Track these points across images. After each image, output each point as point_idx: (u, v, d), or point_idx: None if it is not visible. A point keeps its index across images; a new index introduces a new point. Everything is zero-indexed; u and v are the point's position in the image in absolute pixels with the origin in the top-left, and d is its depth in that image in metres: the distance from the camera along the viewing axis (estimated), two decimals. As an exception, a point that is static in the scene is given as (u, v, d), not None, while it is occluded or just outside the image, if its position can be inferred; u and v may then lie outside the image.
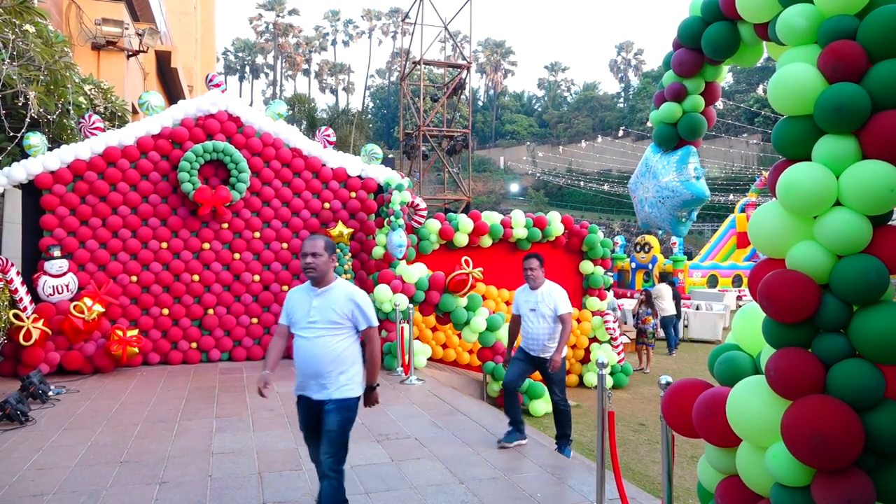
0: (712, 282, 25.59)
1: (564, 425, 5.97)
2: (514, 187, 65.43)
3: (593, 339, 10.99)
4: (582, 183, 57.75)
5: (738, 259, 27.72)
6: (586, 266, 11.07)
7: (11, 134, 8.46)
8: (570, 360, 10.93)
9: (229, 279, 9.76)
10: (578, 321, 10.98)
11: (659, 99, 4.33)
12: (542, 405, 8.54)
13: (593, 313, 11.03)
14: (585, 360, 10.94)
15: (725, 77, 4.34)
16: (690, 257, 28.99)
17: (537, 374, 10.53)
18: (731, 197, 43.89)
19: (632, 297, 20.79)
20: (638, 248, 23.40)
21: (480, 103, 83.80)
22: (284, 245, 10.07)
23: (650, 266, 22.57)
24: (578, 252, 11.15)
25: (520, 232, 10.65)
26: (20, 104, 8.24)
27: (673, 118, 4.23)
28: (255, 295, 9.89)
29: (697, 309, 17.52)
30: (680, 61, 4.05)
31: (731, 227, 28.97)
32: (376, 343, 3.90)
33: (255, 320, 9.83)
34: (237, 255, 9.81)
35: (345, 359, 3.73)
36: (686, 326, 16.82)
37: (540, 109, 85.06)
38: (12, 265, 8.41)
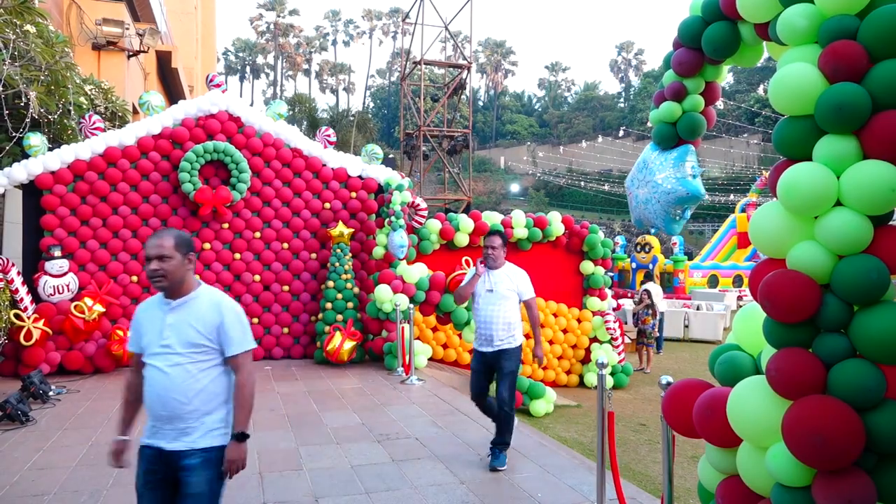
0: (713, 282, 25.59)
1: (505, 431, 5.16)
2: (515, 187, 65.40)
3: (594, 339, 10.98)
4: (582, 183, 57.73)
5: (738, 259, 27.71)
6: (587, 266, 11.06)
7: (12, 134, 8.46)
8: (571, 361, 10.93)
9: (230, 279, 9.76)
10: (579, 321, 10.98)
11: (659, 98, 4.33)
12: (543, 405, 8.53)
13: (594, 313, 11.02)
14: (586, 361, 10.93)
15: (726, 77, 4.34)
16: (691, 257, 28.98)
17: (539, 372, 10.56)
18: (732, 197, 43.88)
19: (632, 297, 20.79)
20: (638, 248, 23.39)
21: (481, 103, 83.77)
22: (285, 245, 10.07)
23: (651, 266, 22.56)
24: (579, 252, 11.13)
25: (520, 232, 10.64)
26: (21, 104, 8.25)
27: (672, 117, 4.22)
28: (255, 295, 9.89)
29: (698, 309, 17.52)
30: (680, 61, 4.04)
31: (732, 228, 28.97)
32: (249, 376, 2.84)
33: (255, 320, 9.83)
34: (238, 256, 9.81)
35: (212, 394, 2.77)
36: (687, 326, 16.82)
37: (540, 109, 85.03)
38: (13, 265, 8.42)
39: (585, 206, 57.48)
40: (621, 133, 57.10)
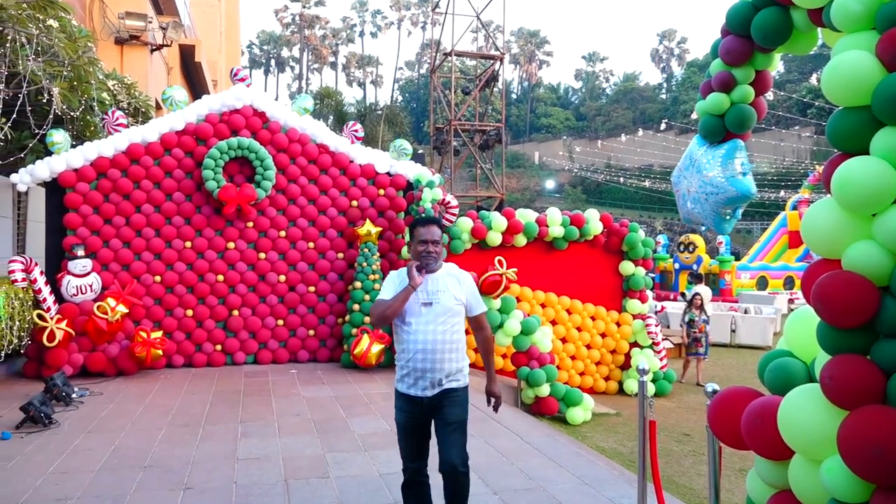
0: (762, 284, 25.19)
1: (463, 496, 3.81)
2: (550, 184, 65.14)
3: (634, 344, 10.88)
4: (622, 179, 57.26)
5: (789, 259, 27.25)
6: (627, 267, 10.96)
7: (35, 131, 8.68)
8: (610, 366, 10.85)
9: (254, 279, 9.89)
10: (619, 325, 10.90)
11: (706, 89, 4.28)
12: (580, 413, 8.48)
13: (634, 316, 10.93)
14: (626, 366, 10.85)
15: (777, 66, 4.27)
16: (738, 258, 28.57)
17: (576, 378, 10.54)
18: (783, 193, 43.12)
19: (675, 299, 20.57)
20: (682, 247, 23.14)
21: (514, 96, 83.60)
22: (311, 244, 10.17)
23: (695, 267, 22.28)
24: (618, 252, 11.05)
25: (556, 231, 10.59)
26: (44, 100, 8.46)
27: (720, 109, 4.17)
28: (280, 296, 10.00)
29: (746, 313, 17.25)
30: (728, 49, 3.99)
31: (783, 226, 28.49)
32: None
33: (280, 322, 9.95)
34: (262, 255, 9.94)
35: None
36: (734, 331, 16.58)
37: (577, 102, 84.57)
38: (36, 265, 8.64)
39: (625, 204, 57.02)
40: (663, 126, 56.44)
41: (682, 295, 17.08)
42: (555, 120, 76.44)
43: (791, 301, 22.19)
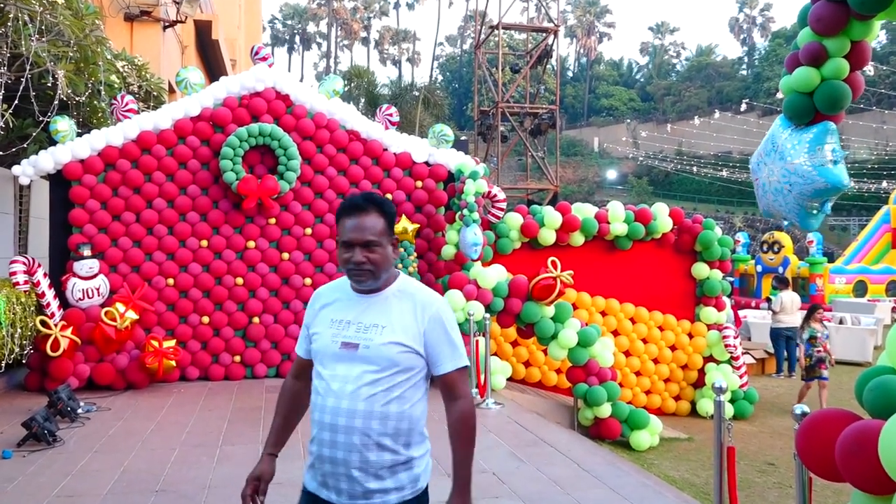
0: (860, 289, 24.58)
1: None
2: (612, 174, 64.63)
3: (709, 359, 10.74)
4: (695, 168, 56.45)
5: (893, 261, 26.55)
6: (700, 269, 10.83)
7: (39, 118, 8.91)
8: (680, 384, 10.73)
9: (277, 283, 10.01)
10: (691, 336, 10.77)
11: (792, 62, 4.19)
12: (646, 437, 8.40)
13: (709, 327, 10.78)
14: (699, 384, 10.72)
15: (877, 35, 4.17)
16: (832, 259, 27.95)
17: (641, 396, 10.47)
18: (885, 184, 42.02)
19: (757, 307, 20.22)
20: (765, 247, 22.73)
21: (570, 74, 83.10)
22: (340, 243, 10.23)
23: (780, 270, 21.86)
24: (690, 252, 10.92)
25: (618, 228, 10.50)
26: (47, 84, 8.69)
27: (809, 86, 4.08)
28: (305, 301, 10.07)
29: (841, 323, 16.87)
30: (819, 16, 3.90)
31: (885, 222, 27.76)
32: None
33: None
34: (286, 255, 10.05)
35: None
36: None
37: (643, 80, 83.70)
38: (39, 266, 8.87)
39: (699, 197, 56.28)
40: (743, 107, 55.46)
41: (767, 301, 16.76)
42: (617, 101, 75.76)
43: (895, 309, 21.61)
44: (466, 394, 2.73)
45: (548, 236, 10.30)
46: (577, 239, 10.49)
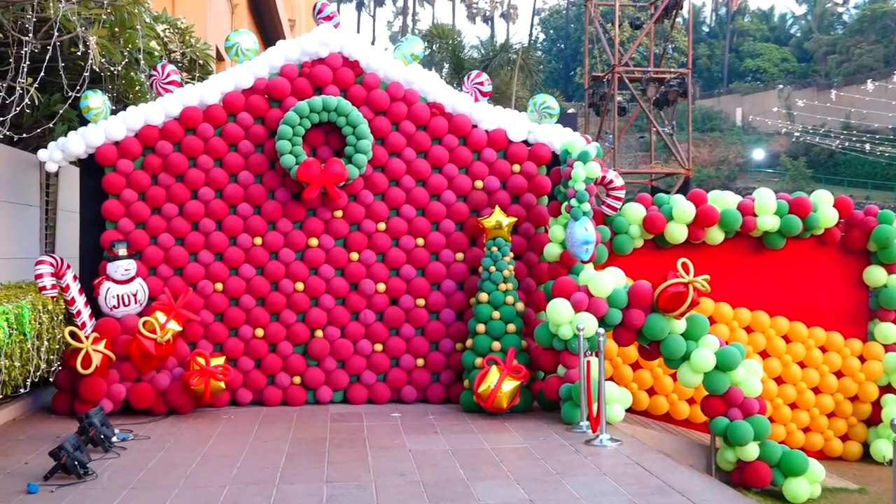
0: None
1: None
2: (759, 154, 63.05)
3: (886, 388, 10.38)
4: (867, 146, 54.53)
5: None
6: (875, 274, 10.49)
7: (68, 93, 9.24)
8: (849, 420, 10.42)
9: (344, 289, 10.12)
10: (863, 360, 10.43)
11: None
12: (804, 486, 8.17)
13: (886, 348, 10.42)
14: (874, 421, 10.37)
15: None
16: None
17: (798, 435, 10.22)
18: None
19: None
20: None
21: (705, 29, 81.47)
22: (420, 241, 10.30)
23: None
24: (862, 252, 10.60)
25: (768, 222, 10.26)
26: (78, 54, 9.02)
27: None
28: (379, 312, 10.19)
29: None
30: None
31: None
32: None
33: (378, 347, 10.14)
34: (355, 256, 10.16)
35: None
36: None
37: (799, 35, 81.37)
38: (68, 267, 9.22)
39: (872, 182, 54.36)
40: (932, 67, 53.31)
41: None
42: (766, 62, 73.91)
43: None
44: None
45: (677, 232, 10.13)
46: (715, 236, 10.30)
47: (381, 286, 10.18)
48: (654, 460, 7.66)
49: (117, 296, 9.36)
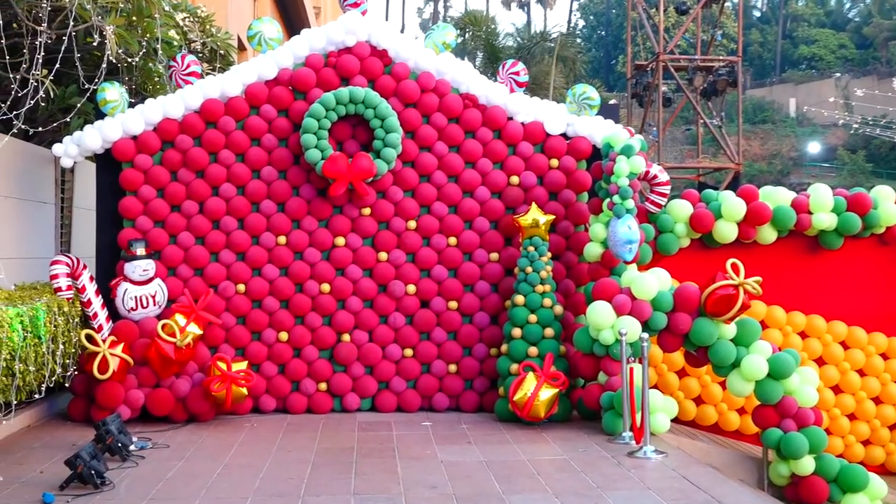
0: None
1: None
2: (814, 147, 62.55)
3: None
4: (933, 138, 53.95)
5: None
6: (941, 276, 10.39)
7: (84, 85, 9.34)
8: (885, 441, 10.33)
9: (373, 291, 10.13)
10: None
11: None
12: (865, 503, 8.09)
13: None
14: (940, 433, 10.29)
15: None
16: None
17: (857, 448, 10.15)
18: None
19: None
20: None
21: (757, 14, 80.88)
22: (452, 240, 10.30)
23: None
24: (926, 252, 10.50)
25: (824, 220, 10.16)
26: (94, 44, 9.10)
27: None
28: (409, 315, 10.20)
29: None
30: None
31: None
32: None
33: (408, 352, 10.15)
34: (383, 256, 10.17)
35: None
36: None
37: (859, 20, 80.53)
38: (84, 267, 9.32)
39: (938, 177, 53.71)
40: None
41: None
42: (822, 49, 73.27)
43: None
44: None
45: (727, 231, 10.06)
46: (768, 235, 10.23)
47: (412, 288, 10.19)
48: (702, 474, 7.61)
49: (135, 297, 9.44)
